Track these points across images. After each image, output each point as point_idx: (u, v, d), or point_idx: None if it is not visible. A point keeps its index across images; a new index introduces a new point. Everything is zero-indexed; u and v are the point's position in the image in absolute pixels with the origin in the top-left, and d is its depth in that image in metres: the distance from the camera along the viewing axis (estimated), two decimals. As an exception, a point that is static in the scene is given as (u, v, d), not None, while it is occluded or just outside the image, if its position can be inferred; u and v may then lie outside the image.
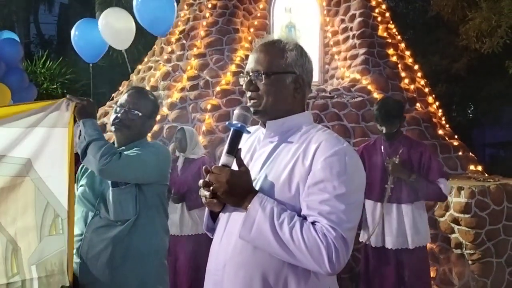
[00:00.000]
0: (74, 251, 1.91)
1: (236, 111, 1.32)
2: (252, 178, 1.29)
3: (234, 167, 1.27)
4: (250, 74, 1.35)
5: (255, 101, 1.34)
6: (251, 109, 1.34)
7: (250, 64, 1.36)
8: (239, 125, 1.28)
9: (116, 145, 2.06)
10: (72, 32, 4.62)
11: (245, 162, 1.30)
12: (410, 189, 2.86)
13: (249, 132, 1.34)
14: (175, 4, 4.63)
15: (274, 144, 1.34)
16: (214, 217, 1.45)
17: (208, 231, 1.49)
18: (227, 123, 1.35)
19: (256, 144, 1.40)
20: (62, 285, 1.87)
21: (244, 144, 1.43)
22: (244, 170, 1.26)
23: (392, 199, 2.89)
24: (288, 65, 1.34)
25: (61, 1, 16.07)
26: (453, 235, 4.12)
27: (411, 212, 2.87)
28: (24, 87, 4.84)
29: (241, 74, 1.39)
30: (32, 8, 13.68)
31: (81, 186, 2.02)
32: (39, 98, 8.26)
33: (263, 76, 1.32)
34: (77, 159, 1.91)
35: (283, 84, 1.34)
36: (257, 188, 1.28)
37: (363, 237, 3.06)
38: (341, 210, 1.18)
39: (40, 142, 1.86)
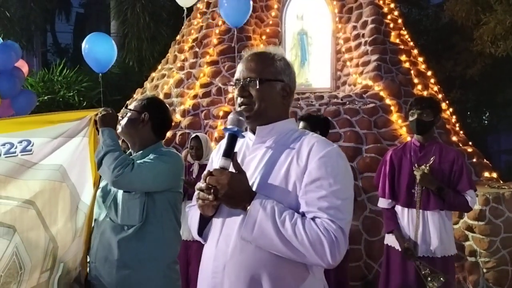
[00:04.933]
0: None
1: (231, 116, 1.37)
2: None
3: (231, 170, 1.31)
4: (242, 81, 1.40)
5: (247, 106, 1.39)
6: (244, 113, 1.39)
7: (241, 73, 1.42)
8: (235, 129, 1.33)
9: (131, 150, 2.11)
10: (83, 45, 4.89)
11: None
12: (437, 196, 2.75)
13: (243, 137, 1.39)
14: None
15: (265, 148, 1.40)
16: (202, 224, 1.45)
17: (199, 237, 1.48)
18: (222, 128, 1.38)
19: (244, 149, 1.44)
20: (75, 277, 2.00)
21: None
22: (242, 173, 1.31)
23: (418, 205, 2.79)
24: (278, 73, 1.42)
25: (77, 10, 16.42)
26: (467, 243, 4.08)
27: (437, 220, 2.77)
28: (15, 94, 4.64)
29: (230, 83, 1.46)
30: (49, 17, 13.97)
31: (99, 187, 2.09)
32: (56, 105, 8.45)
33: (257, 82, 1.37)
34: None
35: (274, 91, 1.41)
36: (254, 190, 1.33)
37: (387, 240, 2.96)
38: (338, 204, 1.27)
39: (72, 151, 2.01)
